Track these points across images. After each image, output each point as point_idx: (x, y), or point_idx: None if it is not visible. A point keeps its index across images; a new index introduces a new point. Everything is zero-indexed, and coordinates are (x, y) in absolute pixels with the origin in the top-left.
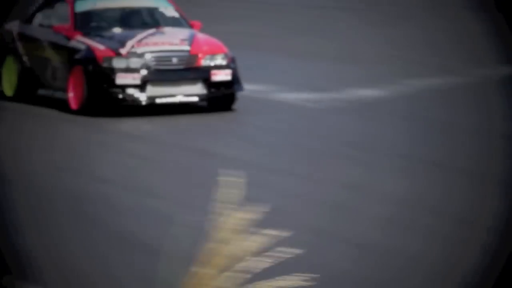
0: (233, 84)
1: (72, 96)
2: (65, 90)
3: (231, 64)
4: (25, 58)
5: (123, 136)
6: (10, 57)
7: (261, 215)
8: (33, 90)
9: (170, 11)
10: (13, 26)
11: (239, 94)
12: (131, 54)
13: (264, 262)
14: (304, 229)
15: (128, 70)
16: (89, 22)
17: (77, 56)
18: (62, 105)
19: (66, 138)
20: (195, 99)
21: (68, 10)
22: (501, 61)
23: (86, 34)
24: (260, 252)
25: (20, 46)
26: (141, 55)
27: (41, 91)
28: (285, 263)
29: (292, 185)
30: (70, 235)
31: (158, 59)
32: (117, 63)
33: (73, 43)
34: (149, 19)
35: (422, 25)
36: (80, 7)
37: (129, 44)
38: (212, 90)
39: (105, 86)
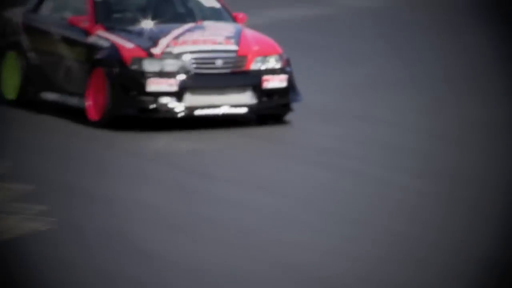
0: (288, 92)
1: (91, 105)
2: (82, 95)
3: (286, 68)
4: (31, 54)
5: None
6: (12, 52)
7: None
8: (40, 93)
9: (209, 0)
10: (16, 14)
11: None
12: (166, 55)
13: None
14: (48, 184)
15: (162, 74)
16: (112, 14)
17: (98, 56)
18: (78, 115)
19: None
20: (244, 110)
21: None
22: None
23: (109, 28)
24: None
25: (25, 40)
26: (178, 56)
27: (49, 95)
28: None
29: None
30: None
31: (199, 61)
32: (149, 65)
33: (93, 39)
34: (184, 11)
35: None
36: None
37: (163, 42)
38: (264, 99)
39: (133, 94)
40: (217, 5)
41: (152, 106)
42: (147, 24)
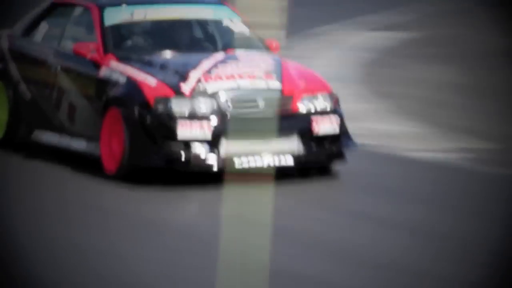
0: (341, 138)
1: (106, 153)
2: (89, 138)
3: (337, 109)
4: (22, 87)
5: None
6: None
7: None
8: (33, 133)
9: (238, 25)
10: (2, 39)
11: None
12: (197, 93)
13: None
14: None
15: (194, 117)
16: (125, 40)
17: (113, 93)
18: (84, 162)
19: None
20: (290, 161)
21: (93, 22)
22: None
23: (123, 58)
24: None
25: (14, 69)
26: (212, 95)
27: (46, 136)
28: None
29: None
30: None
31: (238, 101)
32: (178, 106)
33: (105, 72)
34: (211, 37)
35: None
36: (111, 18)
37: (193, 77)
38: (314, 147)
39: (159, 141)
40: (247, 31)
41: (182, 156)
42: (168, 54)
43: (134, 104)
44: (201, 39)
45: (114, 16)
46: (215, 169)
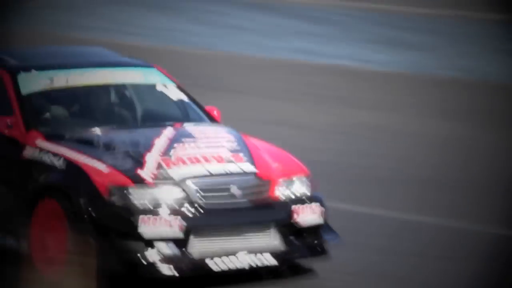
0: (323, 229)
1: (39, 253)
2: (11, 234)
3: (317, 194)
4: None
5: None
6: None
7: None
8: None
9: (174, 91)
10: None
11: None
12: (160, 181)
13: None
14: None
15: (158, 210)
16: (48, 113)
17: (47, 179)
18: (10, 261)
19: None
20: (272, 260)
21: (7, 91)
22: None
23: (53, 135)
24: None
25: None
26: (178, 183)
27: None
28: None
29: None
30: None
31: (209, 190)
32: (139, 197)
33: (31, 152)
34: (149, 107)
35: None
36: (27, 86)
37: (150, 160)
38: (296, 242)
39: (115, 241)
40: (185, 98)
41: (145, 258)
42: (108, 130)
43: (80, 194)
44: (138, 109)
45: (31, 83)
46: (184, 274)
